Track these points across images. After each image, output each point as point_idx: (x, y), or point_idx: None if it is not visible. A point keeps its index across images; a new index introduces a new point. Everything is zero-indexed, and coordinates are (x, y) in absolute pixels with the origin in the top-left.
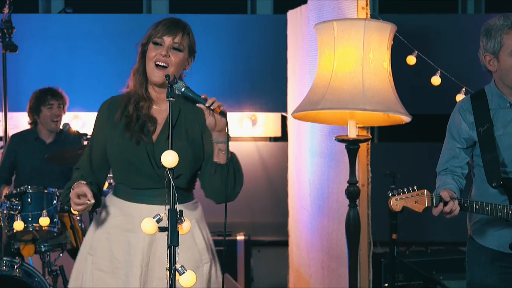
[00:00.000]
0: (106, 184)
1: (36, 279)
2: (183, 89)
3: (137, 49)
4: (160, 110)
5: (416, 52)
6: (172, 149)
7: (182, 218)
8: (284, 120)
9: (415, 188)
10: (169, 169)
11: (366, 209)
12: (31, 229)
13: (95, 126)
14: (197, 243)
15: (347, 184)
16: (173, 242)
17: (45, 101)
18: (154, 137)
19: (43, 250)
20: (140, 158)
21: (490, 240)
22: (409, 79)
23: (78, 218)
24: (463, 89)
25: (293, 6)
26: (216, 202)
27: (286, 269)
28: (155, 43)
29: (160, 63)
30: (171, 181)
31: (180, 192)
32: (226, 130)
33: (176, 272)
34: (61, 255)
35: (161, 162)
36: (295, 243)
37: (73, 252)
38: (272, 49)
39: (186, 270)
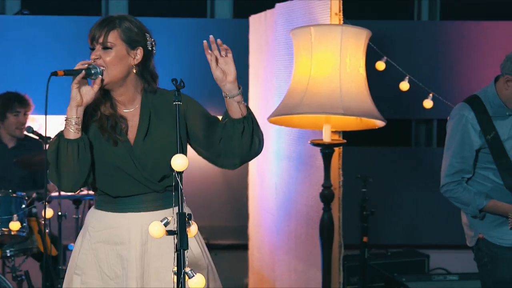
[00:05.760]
0: None
1: (1, 284)
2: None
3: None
4: (129, 112)
5: (385, 57)
6: (152, 152)
7: (190, 221)
8: None
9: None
10: (177, 172)
11: (337, 212)
12: None
13: None
14: (192, 249)
15: (318, 188)
16: (183, 245)
17: (12, 108)
18: (131, 138)
19: (8, 255)
20: (122, 159)
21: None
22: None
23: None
24: (431, 95)
25: (253, 11)
26: (238, 165)
27: (245, 272)
28: (91, 49)
29: None
30: (180, 184)
31: (167, 195)
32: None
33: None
34: (25, 260)
35: (144, 164)
36: (256, 246)
37: (39, 257)
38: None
39: (196, 274)
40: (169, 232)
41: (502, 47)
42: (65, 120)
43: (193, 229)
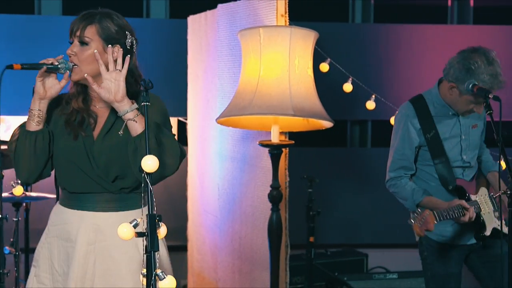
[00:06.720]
0: None
1: None
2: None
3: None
4: (102, 109)
5: (329, 59)
6: (108, 150)
7: (160, 223)
8: (181, 124)
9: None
10: (147, 173)
11: (284, 212)
12: None
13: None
14: (141, 253)
15: (264, 188)
16: (153, 247)
17: None
18: (95, 134)
19: None
20: (78, 154)
21: (451, 236)
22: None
23: None
24: (373, 96)
25: (190, 11)
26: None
27: (184, 274)
28: (70, 43)
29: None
30: (149, 185)
31: (123, 197)
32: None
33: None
34: None
35: (99, 162)
36: (195, 248)
37: None
38: (169, 54)
39: (167, 275)
40: (139, 234)
41: (435, 49)
42: (29, 111)
43: (162, 231)
